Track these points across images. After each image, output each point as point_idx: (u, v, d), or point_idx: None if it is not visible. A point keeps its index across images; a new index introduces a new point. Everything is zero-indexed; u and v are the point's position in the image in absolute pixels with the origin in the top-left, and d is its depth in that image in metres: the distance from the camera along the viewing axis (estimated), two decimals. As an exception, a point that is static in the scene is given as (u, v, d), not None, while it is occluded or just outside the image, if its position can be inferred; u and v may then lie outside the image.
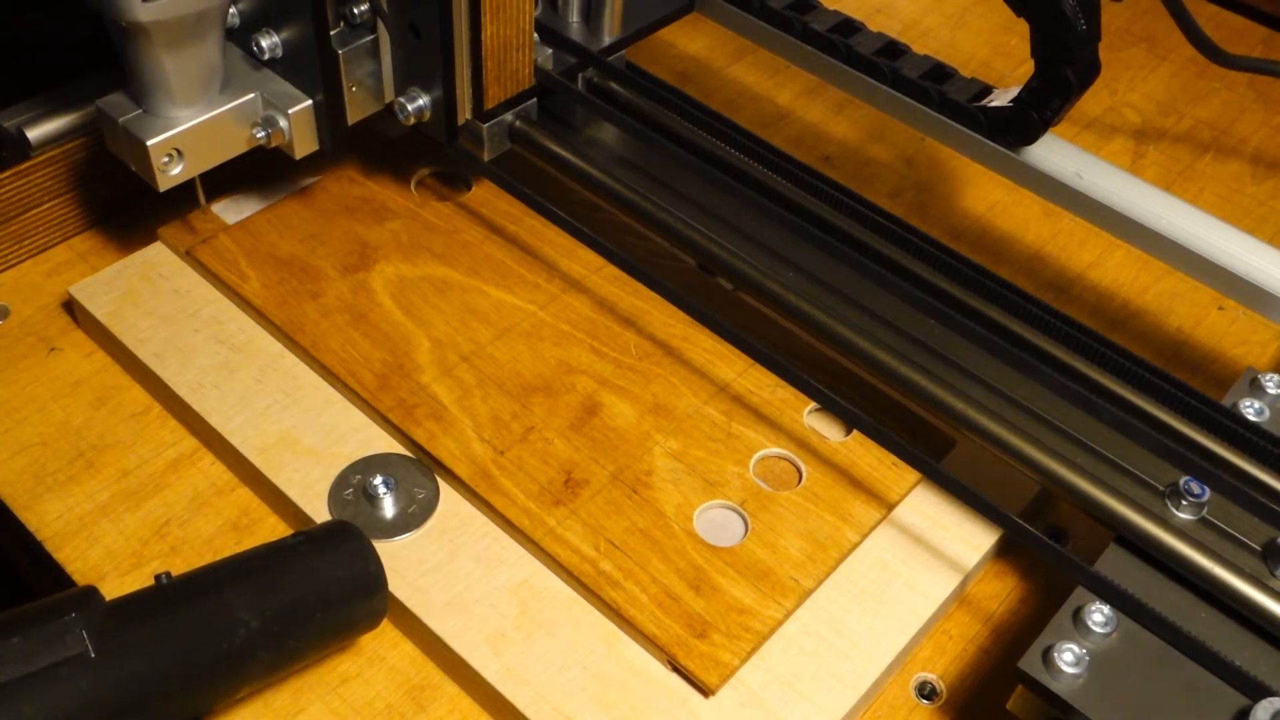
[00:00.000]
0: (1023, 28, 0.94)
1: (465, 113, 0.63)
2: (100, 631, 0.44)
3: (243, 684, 0.48)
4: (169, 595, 0.47)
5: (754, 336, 0.59)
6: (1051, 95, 0.61)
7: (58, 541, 0.56)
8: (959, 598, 0.57)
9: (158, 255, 0.66)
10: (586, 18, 0.69)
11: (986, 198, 0.80)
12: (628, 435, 0.59)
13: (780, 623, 0.53)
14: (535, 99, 0.66)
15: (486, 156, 0.65)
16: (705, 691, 0.51)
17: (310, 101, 0.62)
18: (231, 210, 0.68)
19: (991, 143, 0.65)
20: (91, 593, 0.45)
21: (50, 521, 0.57)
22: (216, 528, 0.57)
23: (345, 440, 0.59)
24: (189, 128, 0.60)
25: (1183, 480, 0.53)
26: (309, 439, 0.59)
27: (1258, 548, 0.52)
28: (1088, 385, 0.57)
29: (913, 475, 0.58)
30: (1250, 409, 0.56)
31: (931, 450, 0.60)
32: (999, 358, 0.59)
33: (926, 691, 0.54)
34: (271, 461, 0.58)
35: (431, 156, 0.71)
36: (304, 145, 0.64)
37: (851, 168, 0.82)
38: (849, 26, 0.70)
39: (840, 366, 0.63)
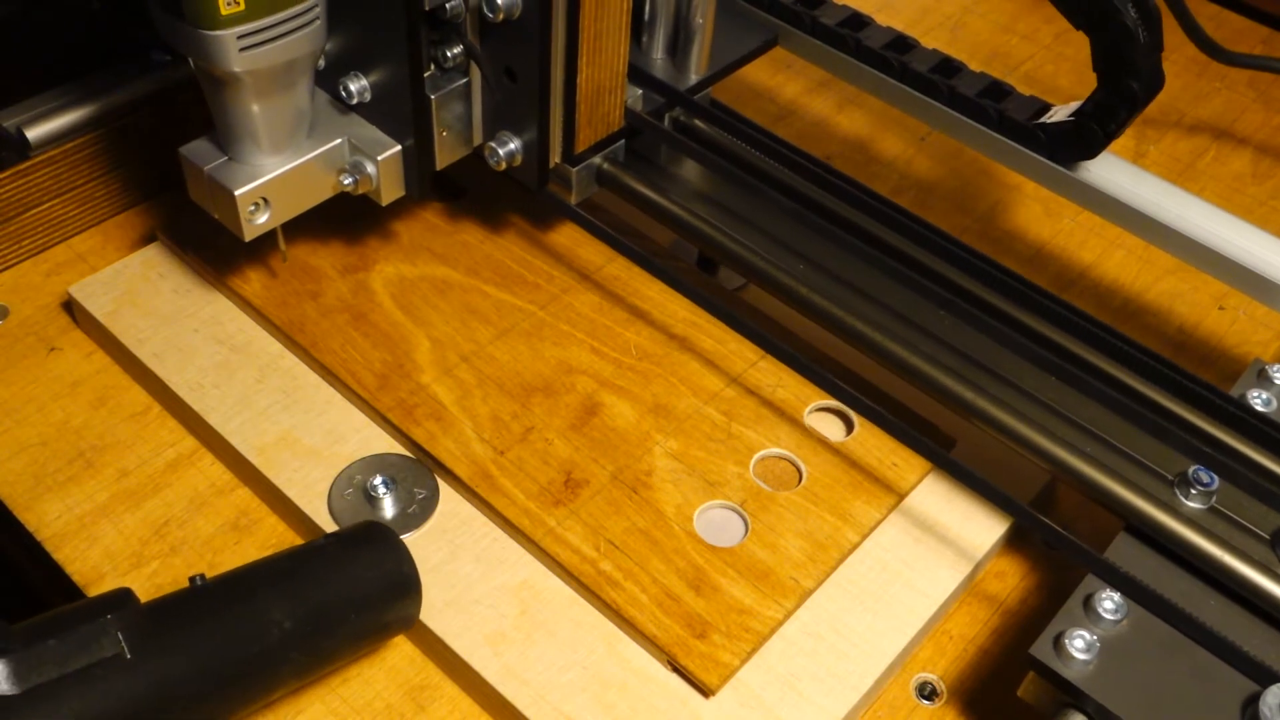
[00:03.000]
0: (1023, 27, 0.95)
1: (555, 156, 0.61)
2: (136, 632, 0.44)
3: (277, 685, 0.48)
4: (203, 597, 0.47)
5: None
6: (1117, 108, 0.59)
7: (57, 542, 0.56)
8: (959, 598, 0.57)
9: (157, 255, 0.66)
10: (672, 53, 0.68)
11: (987, 197, 0.80)
12: (628, 435, 0.59)
13: (780, 623, 0.53)
14: (623, 140, 0.64)
15: (574, 200, 0.63)
16: (705, 692, 0.51)
17: (399, 147, 0.60)
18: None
19: (997, 134, 0.65)
20: (127, 594, 0.46)
21: (50, 522, 0.57)
22: (216, 528, 0.57)
23: (345, 440, 0.59)
24: (276, 176, 0.58)
25: (1192, 469, 0.54)
26: (309, 439, 0.59)
27: (1266, 536, 0.53)
28: (1096, 375, 0.58)
29: (913, 475, 0.58)
30: (1258, 399, 0.57)
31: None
32: (1008, 348, 0.59)
33: (927, 692, 0.54)
34: (271, 461, 0.57)
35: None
36: (391, 191, 0.61)
37: (852, 166, 0.82)
38: (858, 21, 0.70)
39: (842, 367, 0.63)
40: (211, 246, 0.65)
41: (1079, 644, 0.48)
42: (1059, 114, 0.64)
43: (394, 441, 0.59)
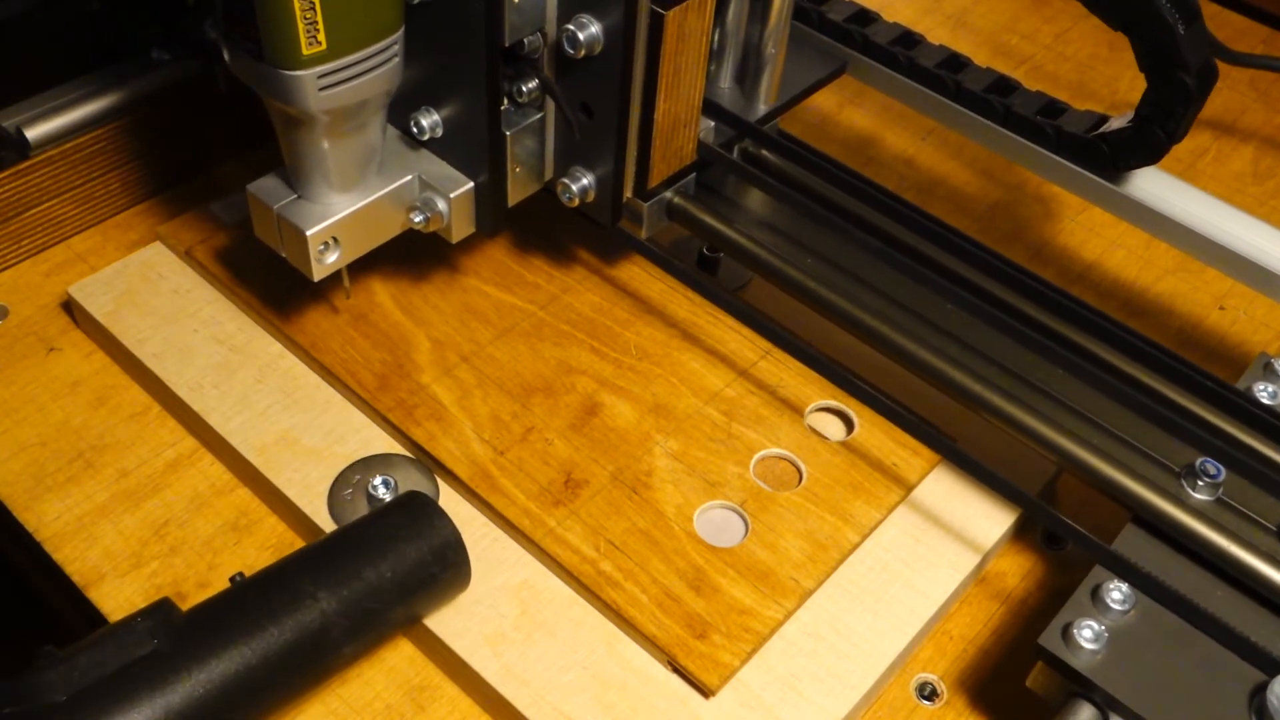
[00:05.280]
0: (1023, 27, 0.95)
1: (627, 191, 0.60)
2: (172, 630, 0.46)
3: (331, 655, 0.49)
4: (239, 589, 0.49)
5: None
6: (1172, 106, 0.58)
7: (57, 542, 0.56)
8: (960, 598, 0.57)
9: (157, 255, 0.66)
10: (740, 81, 0.67)
11: (987, 198, 0.80)
12: (628, 435, 0.59)
13: (780, 623, 0.53)
14: (694, 174, 0.63)
15: (644, 235, 0.62)
16: (705, 692, 0.51)
17: (472, 184, 0.58)
18: (231, 210, 0.68)
19: (1006, 130, 0.65)
20: (164, 602, 0.47)
21: (49, 522, 0.57)
22: (216, 528, 0.57)
23: (345, 440, 0.59)
24: (347, 215, 0.56)
25: (1199, 461, 0.54)
26: (309, 439, 0.59)
27: (1273, 527, 0.53)
28: (1104, 368, 0.58)
29: (914, 476, 0.58)
30: (1264, 392, 0.57)
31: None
32: (1015, 340, 0.59)
33: (927, 692, 0.54)
34: (271, 461, 0.57)
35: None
36: (462, 229, 0.60)
37: (853, 164, 0.81)
38: (864, 17, 0.71)
39: (844, 367, 0.63)
40: (211, 246, 0.65)
41: (1087, 634, 0.48)
42: (1115, 124, 0.63)
43: (394, 441, 0.59)
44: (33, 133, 0.66)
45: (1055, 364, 0.59)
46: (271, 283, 0.64)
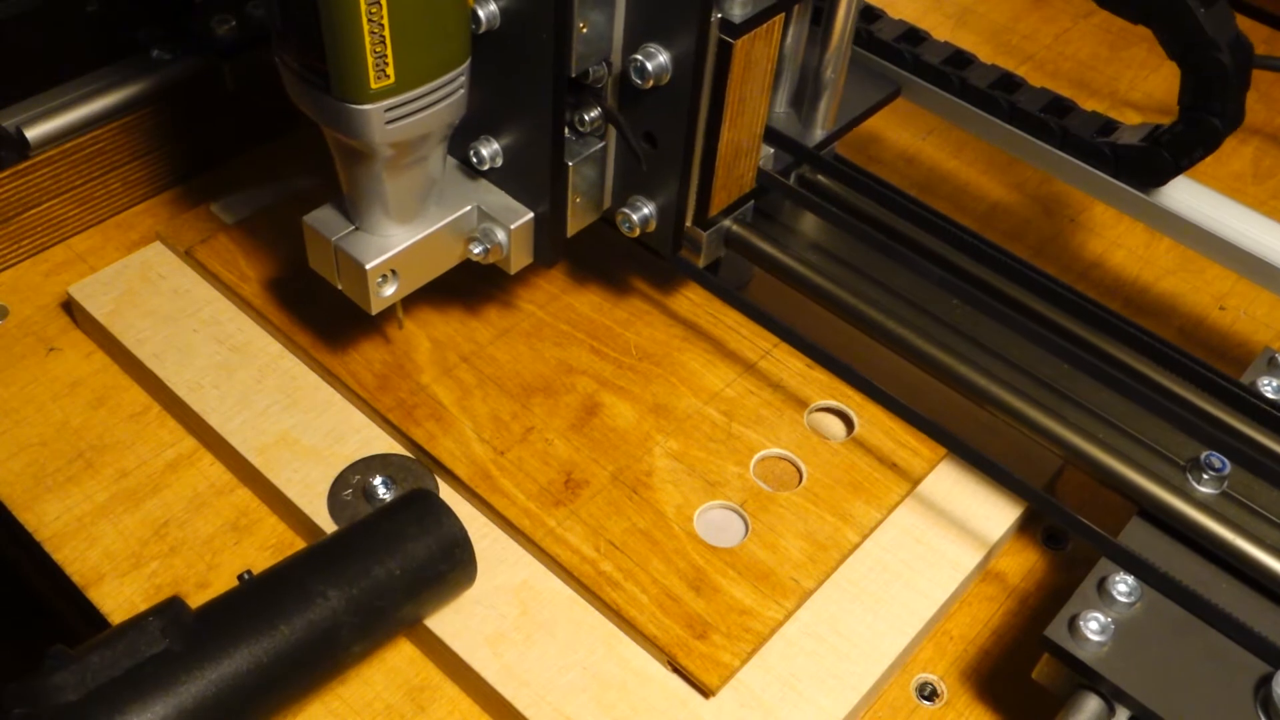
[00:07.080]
0: (1022, 26, 0.95)
1: (687, 220, 0.59)
2: (182, 629, 0.46)
3: (339, 651, 0.49)
4: (247, 586, 0.49)
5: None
6: (1196, 144, 0.59)
7: (57, 542, 0.56)
8: (960, 598, 0.57)
9: (157, 255, 0.66)
10: (797, 105, 0.65)
11: (987, 198, 0.80)
12: (628, 435, 0.59)
13: (780, 623, 0.53)
14: (752, 200, 0.62)
15: (702, 263, 0.61)
16: (705, 692, 0.51)
17: (532, 214, 0.57)
18: (231, 210, 0.68)
19: (1008, 126, 0.65)
20: (173, 600, 0.47)
21: (49, 522, 0.57)
22: (216, 528, 0.57)
23: (345, 440, 0.59)
24: (407, 247, 0.55)
25: (1204, 454, 0.54)
26: (309, 439, 0.59)
27: (1278, 520, 0.53)
28: (1109, 362, 0.58)
29: (914, 475, 0.58)
30: (1269, 387, 0.57)
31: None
32: (1021, 335, 0.59)
33: (927, 692, 0.54)
34: (271, 461, 0.57)
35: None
36: (521, 259, 0.59)
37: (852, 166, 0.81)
38: (869, 14, 0.71)
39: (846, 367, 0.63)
40: (211, 246, 0.65)
41: (1093, 626, 0.48)
42: (1126, 134, 0.63)
43: (394, 441, 0.59)
44: (33, 133, 0.66)
45: (1060, 359, 0.59)
46: (271, 283, 0.64)
